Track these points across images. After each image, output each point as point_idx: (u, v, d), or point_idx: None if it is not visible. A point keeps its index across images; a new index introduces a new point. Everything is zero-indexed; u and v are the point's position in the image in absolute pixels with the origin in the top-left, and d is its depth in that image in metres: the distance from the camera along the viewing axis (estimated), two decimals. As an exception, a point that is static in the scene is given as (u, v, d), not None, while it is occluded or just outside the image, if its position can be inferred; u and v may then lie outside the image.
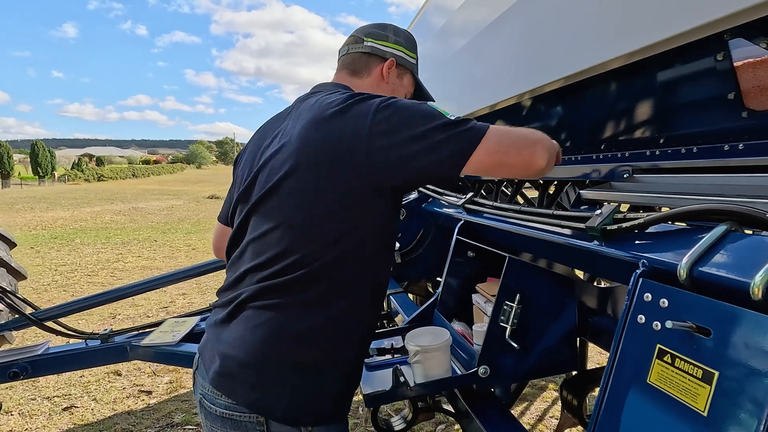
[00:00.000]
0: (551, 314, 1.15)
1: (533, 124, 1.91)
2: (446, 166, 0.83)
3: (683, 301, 0.60)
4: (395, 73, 1.12)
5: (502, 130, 0.86)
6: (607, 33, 1.24)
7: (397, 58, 1.11)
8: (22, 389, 3.04)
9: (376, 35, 1.11)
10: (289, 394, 0.87)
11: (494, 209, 1.34)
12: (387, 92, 1.07)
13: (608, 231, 0.79)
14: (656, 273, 0.68)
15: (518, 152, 0.85)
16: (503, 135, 0.85)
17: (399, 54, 1.12)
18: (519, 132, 0.88)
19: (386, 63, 1.10)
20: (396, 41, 1.12)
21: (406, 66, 1.14)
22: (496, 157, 0.84)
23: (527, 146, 0.86)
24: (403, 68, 1.13)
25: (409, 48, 1.14)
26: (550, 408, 2.71)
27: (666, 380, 0.60)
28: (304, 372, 0.88)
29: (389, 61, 1.10)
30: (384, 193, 0.89)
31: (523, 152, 0.85)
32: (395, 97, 0.90)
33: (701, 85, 1.16)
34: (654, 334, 0.63)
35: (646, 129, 1.39)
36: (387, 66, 1.10)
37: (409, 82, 1.16)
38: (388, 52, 1.10)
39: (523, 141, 0.87)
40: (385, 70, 1.10)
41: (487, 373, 1.12)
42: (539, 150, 0.86)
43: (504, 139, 0.84)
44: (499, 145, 0.83)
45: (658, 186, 1.33)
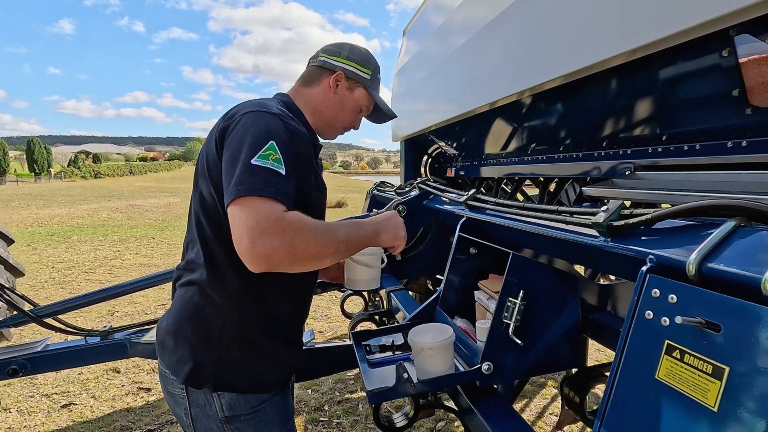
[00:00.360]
0: (555, 311, 1.15)
1: (535, 120, 1.91)
2: (226, 193, 0.91)
3: (692, 296, 0.60)
4: (345, 86, 1.21)
5: (266, 207, 0.86)
6: (611, 30, 1.23)
7: (347, 72, 1.20)
8: (21, 386, 3.03)
9: (330, 51, 1.22)
10: (193, 360, 1.03)
11: (497, 206, 1.34)
12: (334, 102, 1.20)
13: (615, 227, 0.79)
14: (664, 269, 0.68)
15: (244, 233, 0.85)
16: (257, 213, 0.86)
17: (349, 68, 1.21)
18: (264, 215, 0.86)
19: (334, 75, 1.19)
20: (348, 57, 1.22)
21: (357, 80, 1.22)
22: (249, 222, 0.85)
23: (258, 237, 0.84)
24: (354, 82, 1.22)
25: (361, 64, 1.23)
26: (550, 405, 2.72)
27: (675, 376, 0.60)
28: (206, 341, 1.03)
29: (337, 74, 1.20)
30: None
31: (247, 239, 0.84)
32: (259, 113, 0.99)
33: (705, 82, 1.16)
34: (662, 330, 0.63)
35: (648, 126, 1.39)
36: (334, 78, 1.19)
37: (362, 95, 1.23)
38: (337, 66, 1.20)
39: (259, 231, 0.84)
40: (332, 81, 1.19)
41: (491, 370, 1.12)
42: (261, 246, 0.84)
43: (256, 216, 0.85)
44: (258, 211, 0.86)
45: (660, 183, 1.33)
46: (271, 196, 0.87)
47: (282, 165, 0.92)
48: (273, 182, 0.90)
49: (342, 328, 4.00)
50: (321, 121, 1.22)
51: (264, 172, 0.90)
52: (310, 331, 1.73)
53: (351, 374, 3.14)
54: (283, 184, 0.91)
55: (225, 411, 1.04)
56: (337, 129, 1.25)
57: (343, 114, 1.23)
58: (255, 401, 1.06)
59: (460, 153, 2.94)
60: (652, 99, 1.33)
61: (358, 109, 1.25)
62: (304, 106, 1.20)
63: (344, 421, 2.59)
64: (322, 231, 0.94)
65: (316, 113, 1.21)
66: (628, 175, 1.46)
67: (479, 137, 2.50)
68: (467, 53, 2.17)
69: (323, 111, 1.21)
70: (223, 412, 1.04)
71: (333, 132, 1.26)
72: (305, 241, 0.88)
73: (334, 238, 0.96)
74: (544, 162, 1.96)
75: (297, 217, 0.90)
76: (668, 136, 1.32)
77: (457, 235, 1.50)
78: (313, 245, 0.90)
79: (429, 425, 2.49)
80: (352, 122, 1.27)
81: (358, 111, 1.25)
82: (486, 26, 1.94)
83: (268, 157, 0.92)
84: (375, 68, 1.26)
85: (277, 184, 0.90)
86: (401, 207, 2.23)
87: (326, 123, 1.23)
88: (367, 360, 1.35)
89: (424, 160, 3.47)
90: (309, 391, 2.95)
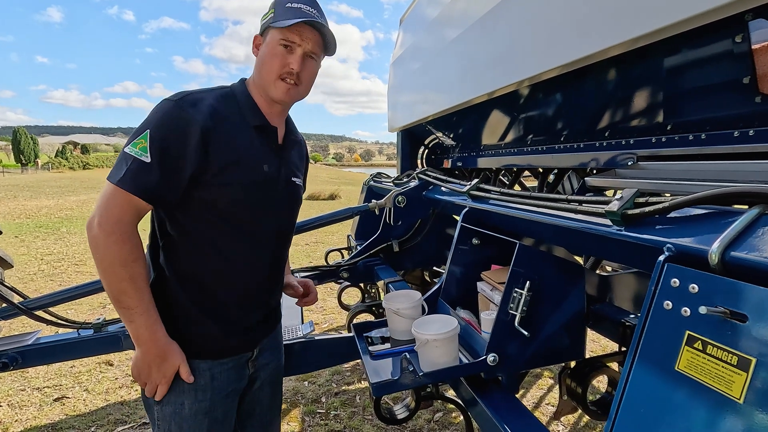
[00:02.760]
0: (561, 301, 1.14)
1: (534, 110, 1.88)
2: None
3: (716, 286, 0.59)
4: (261, 41, 1.16)
5: (112, 198, 0.98)
6: (616, 16, 1.21)
7: (260, 30, 1.17)
8: (11, 380, 2.98)
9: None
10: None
11: (502, 195, 1.32)
12: (258, 60, 1.15)
13: (629, 215, 0.77)
14: (683, 258, 0.66)
15: (95, 208, 1.00)
16: (107, 199, 0.99)
17: (260, 26, 1.17)
18: (108, 205, 0.98)
19: (253, 42, 1.18)
20: (262, 17, 1.17)
21: (267, 27, 1.13)
22: (98, 200, 1.00)
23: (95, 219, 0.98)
24: (265, 32, 1.14)
25: (266, 12, 1.16)
26: (546, 395, 2.73)
27: (697, 367, 0.58)
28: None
29: (254, 36, 1.18)
30: None
31: (93, 215, 0.99)
32: (164, 101, 1.03)
33: (713, 70, 1.14)
34: (683, 321, 0.61)
35: (652, 115, 1.37)
36: (253, 45, 1.18)
37: (272, 34, 1.12)
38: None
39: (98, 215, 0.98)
40: (254, 49, 1.18)
41: (496, 361, 1.11)
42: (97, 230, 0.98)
43: (103, 202, 0.99)
44: (103, 194, 0.99)
45: (664, 173, 1.32)
46: (119, 185, 0.97)
47: (147, 153, 0.97)
48: (130, 170, 0.97)
49: (338, 320, 3.99)
50: (260, 87, 1.15)
51: (125, 160, 0.98)
52: (309, 322, 1.71)
53: (347, 366, 3.13)
54: (143, 172, 0.97)
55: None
56: (270, 81, 1.12)
57: (266, 65, 1.12)
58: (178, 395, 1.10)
59: (458, 144, 2.92)
60: (657, 88, 1.31)
61: (276, 50, 1.11)
62: (251, 84, 1.18)
63: (342, 413, 2.58)
64: (119, 277, 0.98)
65: (256, 84, 1.16)
66: (630, 165, 1.44)
67: (477, 128, 2.47)
68: (465, 42, 2.13)
69: (256, 76, 1.16)
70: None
71: (272, 87, 1.13)
72: (101, 257, 0.98)
73: (118, 290, 1.00)
74: (544, 152, 1.94)
75: (120, 238, 0.98)
76: (673, 125, 1.31)
77: (460, 226, 1.48)
78: (105, 265, 0.99)
79: (427, 416, 2.50)
80: (279, 65, 1.11)
81: (278, 50, 1.11)
82: (485, 14, 1.90)
83: (137, 146, 0.98)
84: (279, 1, 1.13)
85: (134, 173, 0.97)
86: (400, 197, 2.20)
87: (262, 85, 1.14)
88: (369, 352, 1.33)
89: (420, 151, 3.44)
90: (306, 383, 2.94)
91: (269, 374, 1.32)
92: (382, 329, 1.48)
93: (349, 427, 2.44)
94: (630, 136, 1.45)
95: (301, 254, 6.68)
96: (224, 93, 1.13)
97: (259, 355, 1.28)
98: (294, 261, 6.23)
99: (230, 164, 1.07)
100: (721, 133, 1.17)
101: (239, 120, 1.12)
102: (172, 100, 1.03)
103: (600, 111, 1.53)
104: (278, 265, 1.28)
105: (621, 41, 1.18)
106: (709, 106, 1.18)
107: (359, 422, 2.47)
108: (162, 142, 0.99)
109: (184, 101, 1.03)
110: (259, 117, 1.15)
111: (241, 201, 1.11)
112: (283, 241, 1.28)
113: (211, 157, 1.04)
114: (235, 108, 1.13)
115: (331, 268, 2.40)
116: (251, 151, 1.12)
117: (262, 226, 1.17)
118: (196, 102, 1.04)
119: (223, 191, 1.07)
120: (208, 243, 1.10)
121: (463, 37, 2.14)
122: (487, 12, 1.88)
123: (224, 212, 1.10)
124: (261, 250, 1.19)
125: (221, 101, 1.10)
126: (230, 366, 1.17)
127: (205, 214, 1.08)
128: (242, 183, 1.10)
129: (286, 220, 1.27)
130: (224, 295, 1.14)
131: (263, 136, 1.16)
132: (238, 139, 1.10)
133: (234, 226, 1.12)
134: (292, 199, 1.27)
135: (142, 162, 0.97)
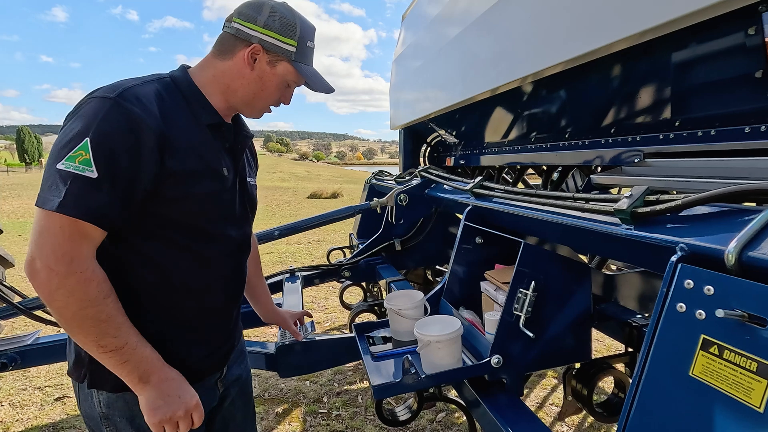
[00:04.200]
0: (567, 302, 1.11)
1: (538, 107, 1.85)
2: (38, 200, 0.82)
3: (733, 288, 0.56)
4: (264, 60, 1.02)
5: (57, 230, 0.79)
6: (624, 8, 1.17)
7: (265, 44, 1.00)
8: (12, 379, 2.97)
9: (245, 16, 1.01)
10: (74, 351, 0.98)
11: (506, 193, 1.29)
12: (251, 79, 1.02)
13: (639, 214, 0.75)
14: (697, 258, 0.63)
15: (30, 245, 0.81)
16: (48, 233, 0.80)
17: (267, 39, 1.00)
18: (52, 241, 0.80)
19: (250, 48, 1.00)
20: (266, 25, 1.00)
21: (279, 53, 1.02)
22: (33, 236, 0.81)
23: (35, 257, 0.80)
24: (275, 55, 1.02)
25: (283, 33, 1.02)
26: (550, 395, 2.71)
27: (713, 373, 0.55)
28: None
29: (253, 47, 1.00)
30: None
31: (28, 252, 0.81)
32: (98, 99, 0.85)
33: (723, 64, 1.10)
34: (697, 324, 0.59)
35: (660, 112, 1.34)
36: (250, 52, 1.00)
37: (287, 70, 1.04)
38: (253, 36, 1.00)
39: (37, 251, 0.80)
40: (247, 56, 1.01)
41: (500, 363, 1.09)
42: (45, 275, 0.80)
43: (44, 238, 0.79)
44: (39, 228, 0.80)
45: (672, 170, 1.29)
46: (61, 211, 0.78)
47: (91, 167, 0.79)
48: (72, 191, 0.79)
49: (340, 319, 3.97)
50: (237, 100, 1.04)
51: (61, 179, 0.79)
52: (311, 323, 1.68)
53: (349, 365, 3.11)
54: (90, 191, 0.80)
55: (102, 407, 0.96)
56: (259, 108, 1.08)
57: (264, 92, 1.05)
58: (135, 405, 0.92)
59: (460, 141, 2.89)
60: (665, 83, 1.28)
61: (284, 85, 1.07)
62: (212, 81, 1.02)
63: (343, 413, 2.56)
64: (94, 320, 0.82)
65: (230, 91, 1.03)
66: (637, 162, 1.41)
67: (480, 125, 2.44)
68: (468, 38, 2.10)
69: (238, 89, 1.03)
70: (101, 408, 0.96)
71: (255, 111, 1.08)
72: (62, 306, 0.81)
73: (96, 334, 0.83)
74: (548, 150, 1.91)
75: (81, 278, 0.80)
76: (681, 121, 1.28)
77: (463, 224, 1.46)
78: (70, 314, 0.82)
79: (429, 416, 2.47)
80: (277, 99, 1.08)
81: (283, 87, 1.07)
82: (488, 9, 1.87)
83: (76, 159, 0.80)
84: (303, 35, 1.04)
85: (79, 193, 0.79)
86: (402, 196, 2.17)
87: (244, 103, 1.05)
88: (370, 352, 1.31)
89: (423, 149, 3.41)
90: (307, 382, 2.92)
91: (239, 388, 1.22)
92: (383, 329, 1.46)
93: (351, 427, 2.42)
94: (637, 133, 1.42)
95: (304, 253, 6.67)
96: (164, 84, 0.97)
97: (228, 371, 1.16)
98: (296, 259, 6.23)
99: (190, 172, 0.93)
100: (732, 129, 1.14)
101: (190, 118, 0.97)
102: (109, 96, 0.84)
103: (606, 107, 1.50)
104: (241, 274, 1.15)
105: (627, 35, 1.15)
106: (720, 101, 1.15)
107: (361, 422, 2.46)
108: (109, 150, 0.82)
109: (125, 97, 0.85)
110: (212, 115, 1.01)
111: (204, 213, 0.97)
112: (245, 247, 1.14)
113: (168, 164, 0.89)
114: (182, 103, 0.97)
115: (333, 267, 2.38)
116: (209, 154, 0.98)
117: (224, 238, 1.04)
118: (140, 97, 0.88)
119: (183, 204, 0.93)
120: (164, 264, 0.95)
121: (465, 32, 2.11)
122: (490, 7, 1.85)
123: (184, 228, 0.95)
124: (224, 264, 1.06)
125: (165, 95, 0.94)
126: (201, 391, 1.03)
127: (161, 232, 0.93)
128: (204, 193, 0.96)
129: (247, 225, 1.14)
130: (186, 318, 1.00)
131: (218, 136, 1.03)
132: (194, 142, 0.95)
133: (195, 242, 0.98)
134: (251, 203, 1.16)
135: (86, 179, 0.79)
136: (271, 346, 1.68)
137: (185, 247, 0.96)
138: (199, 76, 1.03)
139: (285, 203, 13.46)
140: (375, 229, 2.47)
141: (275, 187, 19.65)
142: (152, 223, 0.91)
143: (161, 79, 0.97)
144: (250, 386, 1.30)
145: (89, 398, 0.97)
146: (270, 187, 19.78)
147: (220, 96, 1.03)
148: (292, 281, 2.26)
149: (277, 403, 2.68)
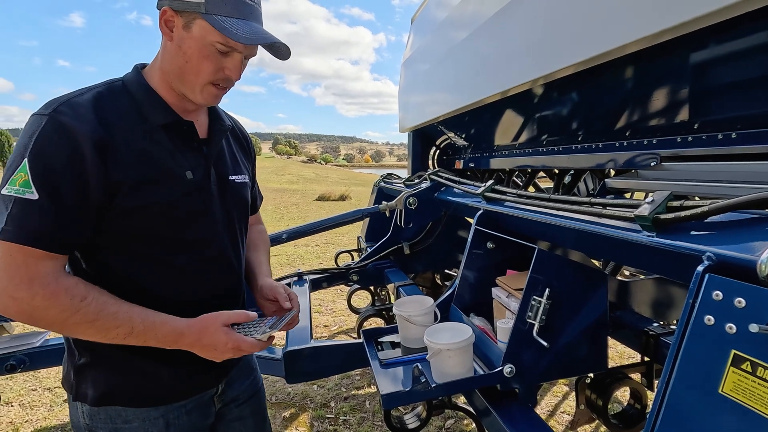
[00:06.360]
0: (582, 310, 1.08)
1: (550, 109, 1.82)
2: None
3: (767, 301, 0.52)
4: (180, 24, 0.86)
5: (6, 260, 0.76)
6: (639, 9, 1.14)
7: (173, 4, 0.84)
8: (23, 380, 2.99)
9: None
10: (65, 363, 0.99)
11: (519, 197, 1.26)
12: (174, 51, 0.88)
13: (662, 220, 0.71)
14: (725, 268, 0.60)
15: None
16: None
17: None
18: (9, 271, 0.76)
19: (162, 15, 0.87)
20: None
21: (189, 9, 0.84)
22: None
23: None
24: (188, 15, 0.85)
25: None
26: (561, 403, 2.66)
27: (745, 391, 0.52)
28: (68, 345, 0.96)
29: (163, 11, 0.86)
30: None
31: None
32: (35, 117, 0.80)
33: (746, 64, 1.07)
34: (727, 338, 0.55)
35: (677, 114, 1.30)
36: (163, 20, 0.87)
37: (204, 29, 0.85)
38: (163, 1, 0.86)
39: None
40: (162, 25, 0.87)
41: (513, 373, 1.05)
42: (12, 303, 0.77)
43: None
44: None
45: (691, 174, 1.25)
46: (2, 238, 0.75)
47: (31, 188, 0.75)
48: (12, 216, 0.75)
49: (348, 323, 3.94)
50: (174, 83, 0.91)
51: (5, 205, 0.76)
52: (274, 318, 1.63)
53: (357, 370, 3.08)
54: (31, 213, 0.76)
55: (86, 419, 0.94)
56: (195, 87, 0.90)
57: (189, 64, 0.88)
58: (118, 418, 0.92)
59: (470, 144, 2.86)
60: (682, 85, 1.24)
61: (209, 50, 0.87)
62: (159, 74, 0.92)
63: (351, 418, 2.53)
64: (87, 322, 0.80)
65: (166, 74, 0.91)
66: (653, 166, 1.38)
67: (490, 128, 2.41)
68: (478, 40, 2.07)
69: (169, 70, 0.90)
70: (85, 419, 0.94)
71: (196, 93, 0.91)
72: (49, 322, 0.79)
73: (102, 329, 0.81)
74: (561, 153, 1.88)
75: (48, 293, 0.77)
76: (700, 124, 1.24)
77: (474, 229, 1.43)
78: (59, 324, 0.80)
79: (438, 423, 2.44)
80: (212, 71, 0.89)
81: (211, 52, 0.87)
82: (498, 11, 1.85)
83: (17, 182, 0.76)
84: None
85: (19, 216, 0.75)
86: (411, 199, 2.15)
87: (181, 83, 0.91)
88: (379, 359, 1.28)
89: (432, 152, 3.39)
90: (315, 387, 2.90)
91: (250, 405, 1.16)
92: (392, 335, 1.43)
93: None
94: (653, 136, 1.38)
95: (311, 255, 6.66)
96: (112, 88, 0.89)
97: (227, 388, 1.09)
98: (304, 262, 6.22)
99: (141, 180, 0.85)
100: (754, 131, 1.10)
101: (139, 121, 0.88)
102: (44, 113, 0.80)
103: (620, 109, 1.46)
104: (229, 280, 1.05)
105: (642, 36, 1.12)
106: (741, 103, 1.11)
107: (369, 428, 2.43)
108: (47, 169, 0.76)
109: (60, 111, 0.80)
110: (165, 113, 0.91)
111: (167, 223, 0.90)
112: (230, 252, 1.04)
113: (114, 174, 0.82)
114: (131, 106, 0.89)
115: (341, 270, 2.36)
116: (164, 158, 0.90)
117: (198, 245, 0.96)
118: (75, 107, 0.81)
119: (142, 214, 0.86)
120: (137, 278, 0.90)
121: (475, 34, 2.09)
122: (500, 8, 1.82)
123: (148, 240, 0.89)
124: (203, 272, 0.97)
125: (109, 100, 0.86)
126: (191, 407, 0.99)
127: (127, 244, 0.88)
128: (162, 200, 0.88)
129: (231, 228, 1.04)
130: None
131: (177, 136, 0.93)
132: (143, 146, 0.87)
133: (165, 252, 0.91)
134: (233, 202, 1.04)
135: (26, 201, 0.75)
136: (279, 351, 1.66)
137: (153, 258, 0.90)
138: (150, 72, 0.94)
139: (293, 205, 13.50)
140: (383, 232, 2.45)
141: (284, 190, 19.73)
142: (116, 237, 0.87)
143: (111, 84, 0.91)
144: (264, 405, 1.24)
145: (75, 409, 0.96)
146: (278, 189, 19.86)
147: (168, 87, 0.93)
148: (299, 285, 2.24)
149: (284, 407, 2.66)
